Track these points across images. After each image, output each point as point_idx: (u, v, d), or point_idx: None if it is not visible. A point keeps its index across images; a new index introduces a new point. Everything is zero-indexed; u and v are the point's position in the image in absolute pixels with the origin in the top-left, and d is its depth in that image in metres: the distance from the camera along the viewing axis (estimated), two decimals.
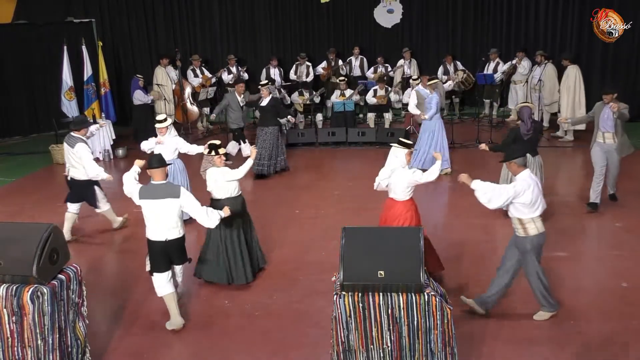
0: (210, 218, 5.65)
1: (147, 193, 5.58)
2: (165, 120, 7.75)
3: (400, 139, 6.12)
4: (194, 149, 7.89)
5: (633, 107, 14.13)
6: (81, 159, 7.53)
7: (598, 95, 14.08)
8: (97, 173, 7.54)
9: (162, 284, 5.69)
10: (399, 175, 5.97)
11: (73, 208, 7.91)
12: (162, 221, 5.56)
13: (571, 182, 9.84)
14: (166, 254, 5.67)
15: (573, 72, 12.26)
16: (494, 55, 14.17)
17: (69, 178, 7.76)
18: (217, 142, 6.37)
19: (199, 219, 5.66)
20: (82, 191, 7.81)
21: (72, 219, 7.94)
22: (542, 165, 7.94)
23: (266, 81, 10.85)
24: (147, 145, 7.92)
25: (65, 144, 7.74)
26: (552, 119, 13.07)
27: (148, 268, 5.80)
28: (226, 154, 6.39)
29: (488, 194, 5.33)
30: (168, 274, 5.72)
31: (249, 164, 6.45)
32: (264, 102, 10.30)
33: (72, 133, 7.72)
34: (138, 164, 6.00)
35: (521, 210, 5.37)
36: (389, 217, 6.06)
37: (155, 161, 5.63)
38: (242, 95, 11.11)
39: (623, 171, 10.01)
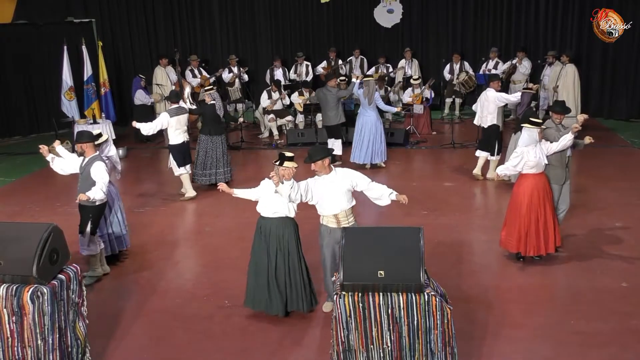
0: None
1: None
2: (100, 135, 6.65)
3: (531, 119, 6.54)
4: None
5: (633, 107, 14.26)
6: (186, 122, 9.20)
7: (598, 96, 14.36)
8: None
9: None
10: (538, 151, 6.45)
11: (186, 168, 9.30)
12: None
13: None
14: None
15: (572, 70, 12.29)
16: (493, 55, 14.20)
17: (185, 141, 9.05)
18: (290, 153, 5.51)
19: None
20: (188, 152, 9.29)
21: (188, 177, 9.39)
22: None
23: (210, 86, 10.17)
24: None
25: (176, 117, 8.86)
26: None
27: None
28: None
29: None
30: None
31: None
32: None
33: (173, 106, 8.99)
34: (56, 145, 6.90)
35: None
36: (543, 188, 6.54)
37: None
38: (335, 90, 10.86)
39: (622, 171, 10.06)
